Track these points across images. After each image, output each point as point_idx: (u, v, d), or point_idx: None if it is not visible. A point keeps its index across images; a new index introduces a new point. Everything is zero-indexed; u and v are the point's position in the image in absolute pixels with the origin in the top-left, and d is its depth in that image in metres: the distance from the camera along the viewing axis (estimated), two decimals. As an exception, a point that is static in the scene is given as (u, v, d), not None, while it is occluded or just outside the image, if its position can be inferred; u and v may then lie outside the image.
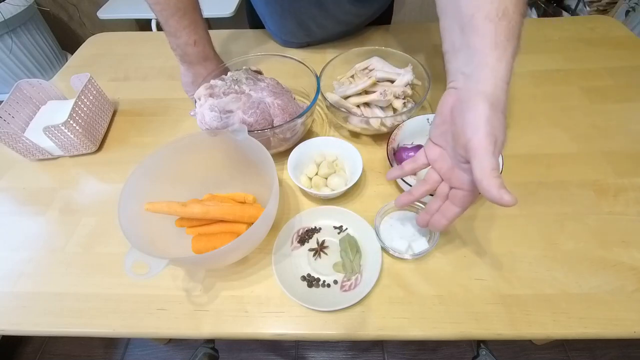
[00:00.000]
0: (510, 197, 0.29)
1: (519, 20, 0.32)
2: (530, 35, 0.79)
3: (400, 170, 0.42)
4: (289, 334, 0.41)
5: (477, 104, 0.31)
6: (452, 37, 0.36)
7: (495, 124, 0.31)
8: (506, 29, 0.31)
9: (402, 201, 0.42)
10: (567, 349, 1.04)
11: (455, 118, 0.34)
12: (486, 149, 0.30)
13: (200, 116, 0.51)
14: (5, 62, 1.49)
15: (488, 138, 0.30)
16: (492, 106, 0.31)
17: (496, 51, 0.31)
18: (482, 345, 0.59)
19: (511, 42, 0.32)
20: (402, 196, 0.42)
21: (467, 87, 0.33)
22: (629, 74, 0.68)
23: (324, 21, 0.74)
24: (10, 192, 0.57)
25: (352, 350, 1.06)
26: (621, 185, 0.51)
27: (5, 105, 0.59)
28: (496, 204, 0.30)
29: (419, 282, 0.44)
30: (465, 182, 0.35)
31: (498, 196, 0.29)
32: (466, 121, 0.32)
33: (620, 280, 0.42)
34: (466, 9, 0.33)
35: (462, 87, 0.34)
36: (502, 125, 0.31)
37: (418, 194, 0.40)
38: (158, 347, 1.09)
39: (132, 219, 0.41)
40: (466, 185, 0.35)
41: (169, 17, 0.54)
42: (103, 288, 0.45)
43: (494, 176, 0.30)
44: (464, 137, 0.32)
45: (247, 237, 0.39)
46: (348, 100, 0.59)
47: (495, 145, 0.31)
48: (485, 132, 0.30)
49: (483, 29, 0.32)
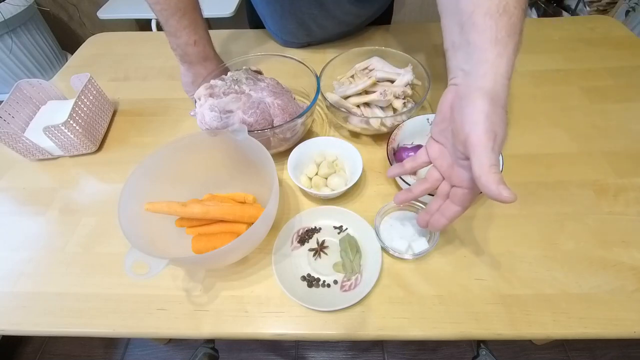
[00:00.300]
0: (509, 194, 0.29)
1: (520, 16, 0.31)
2: (530, 35, 0.79)
3: (401, 168, 0.42)
4: (289, 334, 0.41)
5: (476, 100, 0.31)
6: (452, 34, 0.36)
7: (495, 120, 0.30)
8: (507, 24, 0.31)
9: (400, 198, 0.42)
10: (567, 349, 1.04)
11: (454, 114, 0.34)
12: (485, 145, 0.30)
13: (200, 116, 0.51)
14: (5, 62, 1.49)
15: (487, 134, 0.30)
16: (491, 101, 0.31)
17: (496, 47, 0.31)
18: (482, 345, 0.59)
19: (512, 38, 0.31)
20: (401, 193, 0.42)
21: (467, 83, 0.33)
22: (629, 74, 0.68)
23: (324, 21, 0.74)
24: (10, 192, 0.57)
25: (352, 350, 1.06)
26: (621, 185, 0.51)
27: (5, 105, 0.59)
28: (495, 200, 0.29)
29: (419, 282, 0.44)
30: (465, 180, 0.35)
31: (497, 192, 0.29)
32: (465, 117, 0.32)
33: (620, 280, 0.42)
34: (466, 6, 0.32)
35: (462, 84, 0.34)
36: (502, 121, 0.31)
37: (417, 191, 0.40)
38: (158, 347, 1.09)
39: (132, 219, 0.41)
40: (466, 183, 0.35)
41: (169, 17, 0.54)
42: (103, 288, 0.45)
43: (493, 172, 0.29)
44: (463, 133, 0.32)
45: (247, 237, 0.39)
46: (348, 100, 0.59)
47: (494, 141, 0.30)
48: (485, 127, 0.30)
49: (483, 25, 0.31)
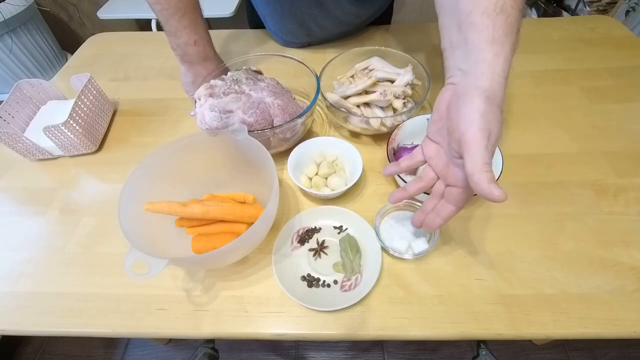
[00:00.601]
0: (500, 192, 0.29)
1: (517, 16, 0.32)
2: (530, 35, 0.79)
3: (397, 167, 0.42)
4: (289, 334, 0.41)
5: (472, 99, 0.31)
6: (450, 34, 0.36)
7: (490, 119, 0.31)
8: (504, 24, 0.31)
9: (395, 197, 0.41)
10: (567, 349, 1.04)
11: (451, 113, 0.34)
12: (479, 143, 0.30)
13: (200, 116, 0.51)
14: (5, 62, 1.49)
15: (482, 132, 0.30)
16: (487, 100, 0.31)
17: (493, 46, 0.31)
18: (482, 345, 0.59)
19: (509, 38, 0.31)
20: (396, 192, 0.42)
21: (464, 82, 0.33)
22: (629, 74, 0.68)
23: (324, 21, 0.74)
24: (10, 192, 0.57)
25: (352, 350, 1.06)
26: (621, 185, 0.51)
27: (5, 105, 0.59)
28: (486, 199, 0.30)
29: (419, 282, 0.44)
30: (459, 179, 0.35)
31: (487, 190, 0.29)
32: (461, 115, 0.32)
33: (620, 280, 0.42)
34: (464, 6, 0.33)
35: (459, 83, 0.34)
36: (497, 121, 0.31)
37: (412, 190, 0.40)
38: (158, 347, 1.10)
39: (132, 219, 0.41)
40: (461, 182, 0.35)
41: (169, 17, 0.54)
42: (103, 288, 0.45)
43: (485, 170, 0.30)
44: (459, 131, 0.32)
45: (247, 237, 0.39)
46: (348, 100, 0.59)
47: (488, 140, 0.30)
48: (480, 126, 0.30)
49: (480, 24, 0.31)
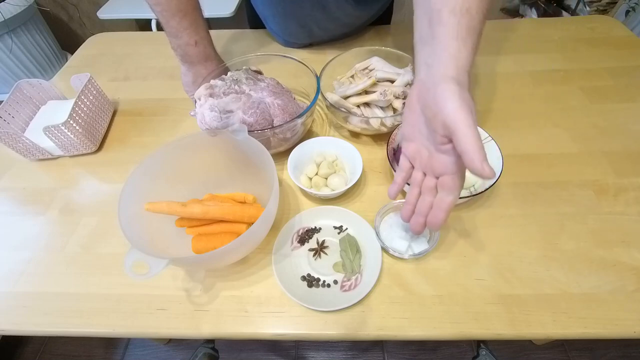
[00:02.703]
0: (490, 171, 0.30)
1: (481, 20, 0.35)
2: (530, 35, 0.79)
3: (396, 185, 0.42)
4: (289, 334, 0.41)
5: (443, 84, 0.33)
6: (422, 29, 0.38)
7: (466, 97, 0.32)
8: (468, 25, 0.34)
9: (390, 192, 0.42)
10: (567, 349, 1.04)
11: (426, 102, 0.35)
12: (465, 119, 0.31)
13: (200, 116, 0.51)
14: (5, 62, 1.49)
15: (463, 108, 0.31)
16: (458, 83, 0.32)
17: (457, 42, 0.34)
18: (482, 345, 0.59)
19: (471, 37, 0.34)
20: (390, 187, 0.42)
21: (431, 73, 0.35)
22: (629, 74, 0.68)
23: (326, 23, 0.74)
24: (10, 192, 0.57)
25: (352, 350, 1.06)
26: (621, 185, 0.51)
27: (5, 105, 0.59)
28: (477, 175, 0.31)
29: (419, 282, 0.44)
30: (449, 164, 0.35)
31: (480, 167, 0.30)
32: (438, 99, 0.33)
33: (620, 280, 0.42)
34: (435, 4, 0.35)
35: (426, 75, 0.36)
36: (471, 100, 0.32)
37: (399, 180, 0.41)
38: (158, 347, 1.10)
39: (132, 219, 0.41)
40: (450, 167, 0.35)
41: (169, 18, 0.54)
42: (103, 288, 0.45)
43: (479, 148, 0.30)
44: (442, 114, 0.32)
45: (247, 237, 0.39)
46: (348, 100, 0.59)
47: (472, 115, 0.31)
48: (459, 104, 0.31)
49: (447, 21, 0.34)
